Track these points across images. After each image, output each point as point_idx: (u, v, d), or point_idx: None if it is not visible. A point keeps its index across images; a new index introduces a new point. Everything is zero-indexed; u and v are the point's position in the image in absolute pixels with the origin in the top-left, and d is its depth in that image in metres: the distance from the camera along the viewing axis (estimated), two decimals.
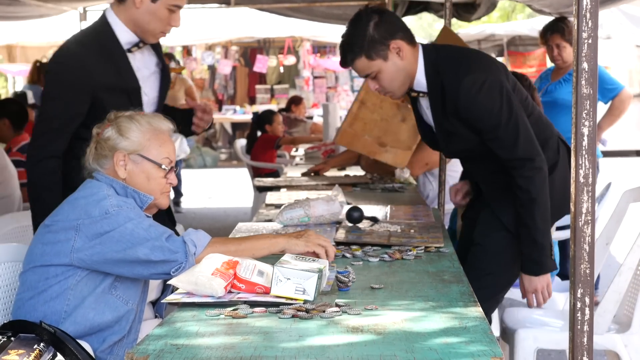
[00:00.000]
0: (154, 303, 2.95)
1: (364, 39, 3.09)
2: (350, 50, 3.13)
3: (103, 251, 2.52)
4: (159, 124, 2.75)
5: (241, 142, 9.57)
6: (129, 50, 3.28)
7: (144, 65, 3.36)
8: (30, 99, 9.40)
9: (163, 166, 2.70)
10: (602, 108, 5.88)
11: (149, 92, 3.38)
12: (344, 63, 3.20)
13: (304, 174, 5.68)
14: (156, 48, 3.44)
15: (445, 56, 3.18)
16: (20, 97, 9.63)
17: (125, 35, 3.27)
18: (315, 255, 2.62)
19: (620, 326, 3.45)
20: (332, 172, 5.77)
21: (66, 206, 2.63)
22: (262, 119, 9.02)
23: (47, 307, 2.55)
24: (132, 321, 2.67)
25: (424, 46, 3.20)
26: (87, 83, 3.16)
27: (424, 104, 3.27)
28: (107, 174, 2.69)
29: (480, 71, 3.08)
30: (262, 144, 8.75)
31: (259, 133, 9.05)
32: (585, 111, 2.03)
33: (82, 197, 2.62)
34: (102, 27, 3.24)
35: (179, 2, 3.25)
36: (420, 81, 3.17)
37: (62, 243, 2.55)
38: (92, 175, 2.70)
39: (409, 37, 3.14)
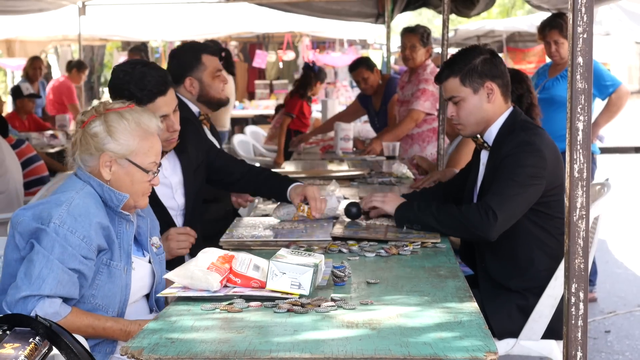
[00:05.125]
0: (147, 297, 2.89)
1: (467, 65, 3.29)
2: (449, 68, 3.34)
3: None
4: (148, 123, 2.65)
5: (239, 138, 9.50)
6: None
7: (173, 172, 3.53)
8: (25, 90, 9.46)
9: (150, 172, 2.65)
10: (599, 105, 5.86)
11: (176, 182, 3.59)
12: (438, 78, 3.39)
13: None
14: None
15: (524, 121, 3.30)
16: (15, 89, 9.72)
17: None
18: None
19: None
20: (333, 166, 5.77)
21: (34, 204, 2.56)
22: (312, 74, 8.90)
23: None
24: None
25: (515, 108, 3.34)
26: None
27: (483, 158, 3.37)
28: (90, 172, 2.62)
29: (537, 142, 3.18)
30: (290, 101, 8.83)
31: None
32: (580, 106, 2.03)
33: (47, 202, 2.53)
34: None
35: (162, 112, 3.20)
36: (492, 134, 3.30)
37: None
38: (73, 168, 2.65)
39: (505, 90, 3.33)
